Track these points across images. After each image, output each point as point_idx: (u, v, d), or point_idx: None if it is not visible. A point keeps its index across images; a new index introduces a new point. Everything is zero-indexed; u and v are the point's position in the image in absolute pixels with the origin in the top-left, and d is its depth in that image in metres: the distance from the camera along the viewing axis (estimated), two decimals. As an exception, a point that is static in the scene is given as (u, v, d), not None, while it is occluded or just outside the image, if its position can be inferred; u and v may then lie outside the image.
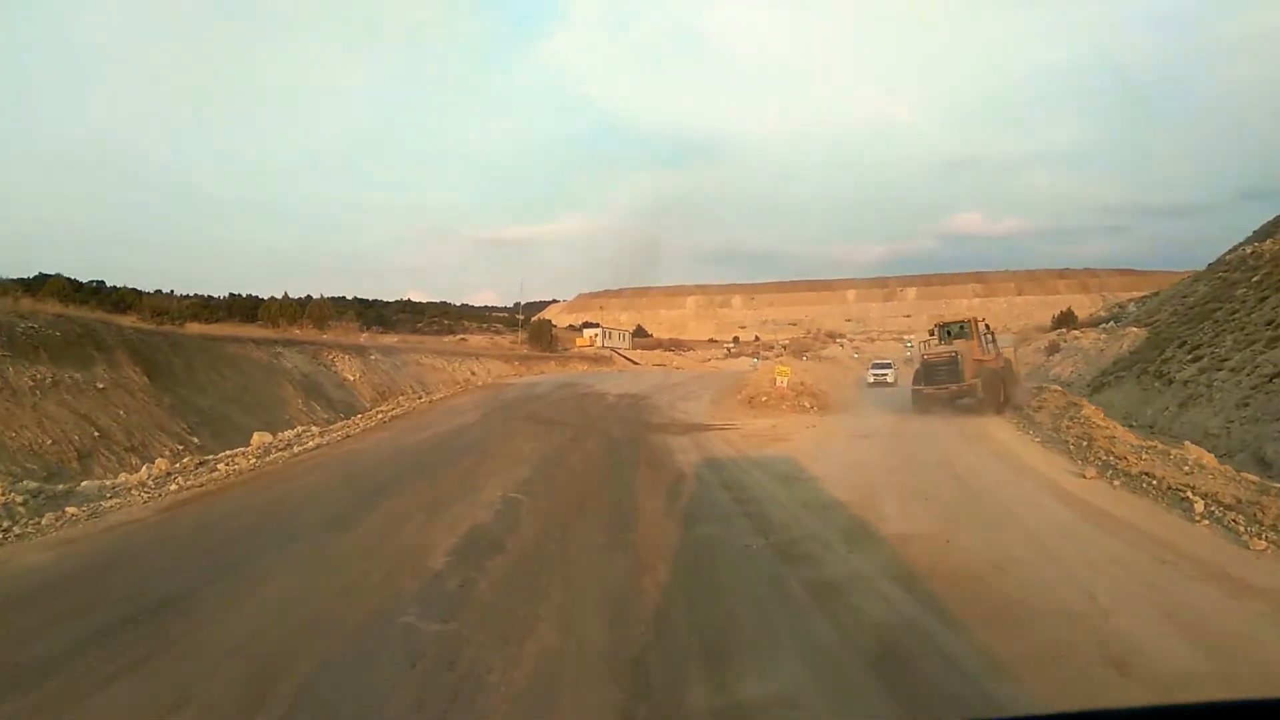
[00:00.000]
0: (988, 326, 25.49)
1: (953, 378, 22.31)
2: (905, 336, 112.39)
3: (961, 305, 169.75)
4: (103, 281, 47.53)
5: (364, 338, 38.19)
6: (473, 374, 41.54)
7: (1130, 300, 68.10)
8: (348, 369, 31.40)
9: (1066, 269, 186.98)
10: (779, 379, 25.33)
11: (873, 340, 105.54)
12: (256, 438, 16.38)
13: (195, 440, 18.38)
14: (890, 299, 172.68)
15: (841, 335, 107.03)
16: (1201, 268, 40.85)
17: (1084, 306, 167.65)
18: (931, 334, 27.16)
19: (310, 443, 16.29)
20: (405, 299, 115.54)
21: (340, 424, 20.20)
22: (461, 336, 65.45)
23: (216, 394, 22.20)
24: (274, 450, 15.40)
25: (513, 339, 61.60)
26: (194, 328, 26.21)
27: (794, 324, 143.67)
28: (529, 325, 60.05)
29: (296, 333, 35.56)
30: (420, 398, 27.86)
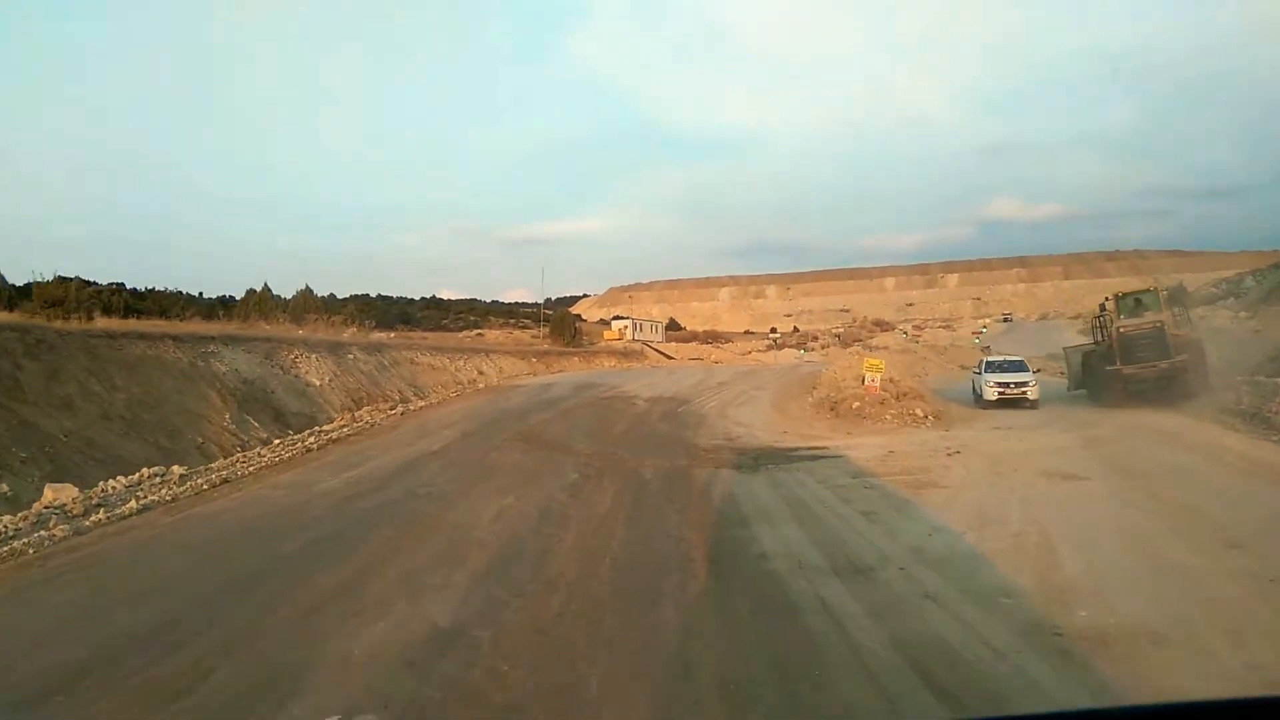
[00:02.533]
0: (1171, 295, 18.96)
1: (1159, 354, 16.99)
2: (980, 321, 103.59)
3: (1006, 291, 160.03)
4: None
5: (349, 333, 31.60)
6: (480, 374, 34.80)
7: (1239, 275, 58.89)
8: (314, 371, 24.72)
9: (1115, 251, 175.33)
10: (869, 376, 18.03)
11: (920, 329, 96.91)
12: (50, 493, 9.66)
13: (3, 488, 11.70)
14: (932, 286, 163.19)
15: (889, 324, 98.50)
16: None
17: (1135, 289, 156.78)
18: (1103, 308, 21.13)
19: (132, 505, 9.49)
20: (431, 296, 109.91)
21: (237, 457, 13.47)
22: (479, 332, 59.00)
23: (93, 411, 15.61)
24: (49, 523, 8.64)
25: (534, 334, 54.90)
26: (104, 322, 19.70)
27: (845, 310, 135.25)
28: (550, 318, 53.28)
29: (265, 328, 29.05)
30: (395, 408, 21.12)
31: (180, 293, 40.14)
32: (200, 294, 61.50)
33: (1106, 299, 22.59)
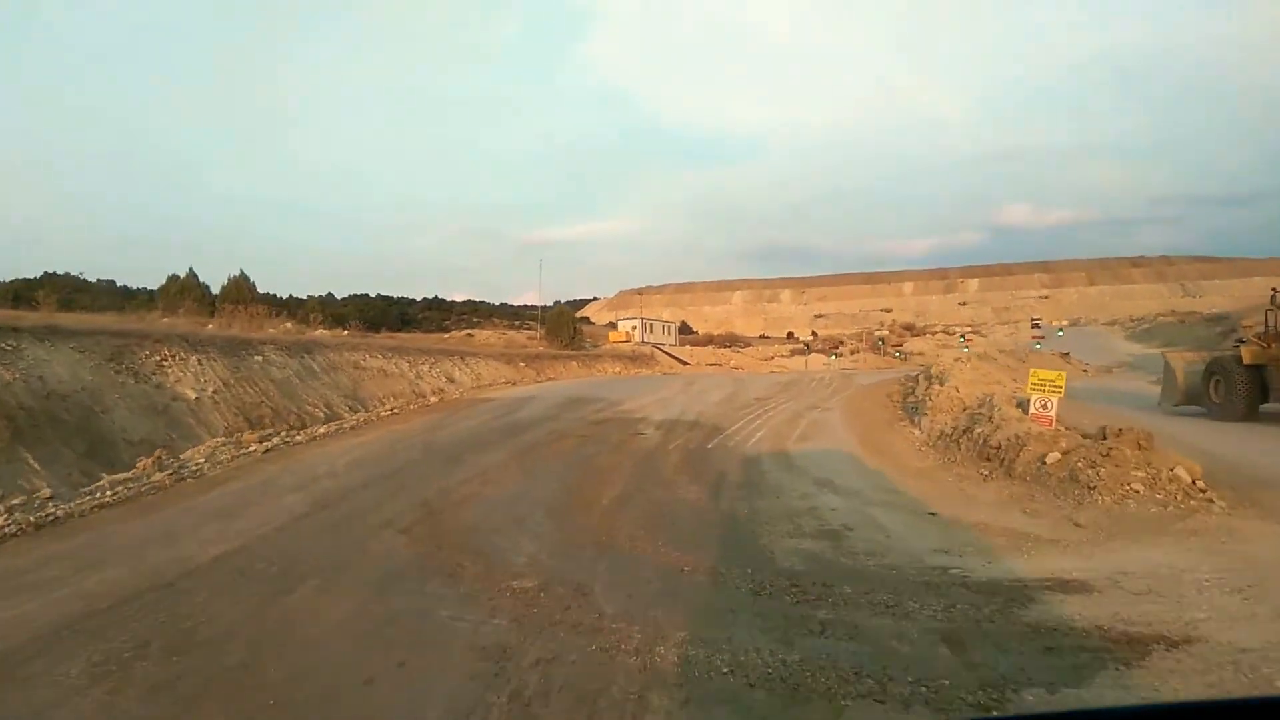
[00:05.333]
0: None
1: None
2: (1056, 323, 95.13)
3: (1029, 296, 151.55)
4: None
5: (279, 329, 24.16)
6: (450, 381, 27.21)
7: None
8: (190, 379, 17.19)
9: (1140, 257, 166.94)
10: (1040, 399, 10.26)
11: (951, 334, 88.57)
12: None
13: None
14: (951, 290, 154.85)
15: (920, 328, 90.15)
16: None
17: (1162, 296, 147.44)
18: (1273, 300, 14.62)
19: None
20: (434, 296, 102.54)
21: None
22: (469, 332, 51.59)
23: None
24: None
25: (530, 335, 47.38)
26: None
27: (887, 310, 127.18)
28: (546, 317, 45.48)
29: (163, 322, 21.96)
30: (270, 439, 13.59)
31: (87, 280, 32.90)
32: (126, 285, 52.89)
33: (1276, 290, 15.57)
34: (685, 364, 45.48)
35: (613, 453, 11.70)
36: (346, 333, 28.61)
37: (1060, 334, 73.02)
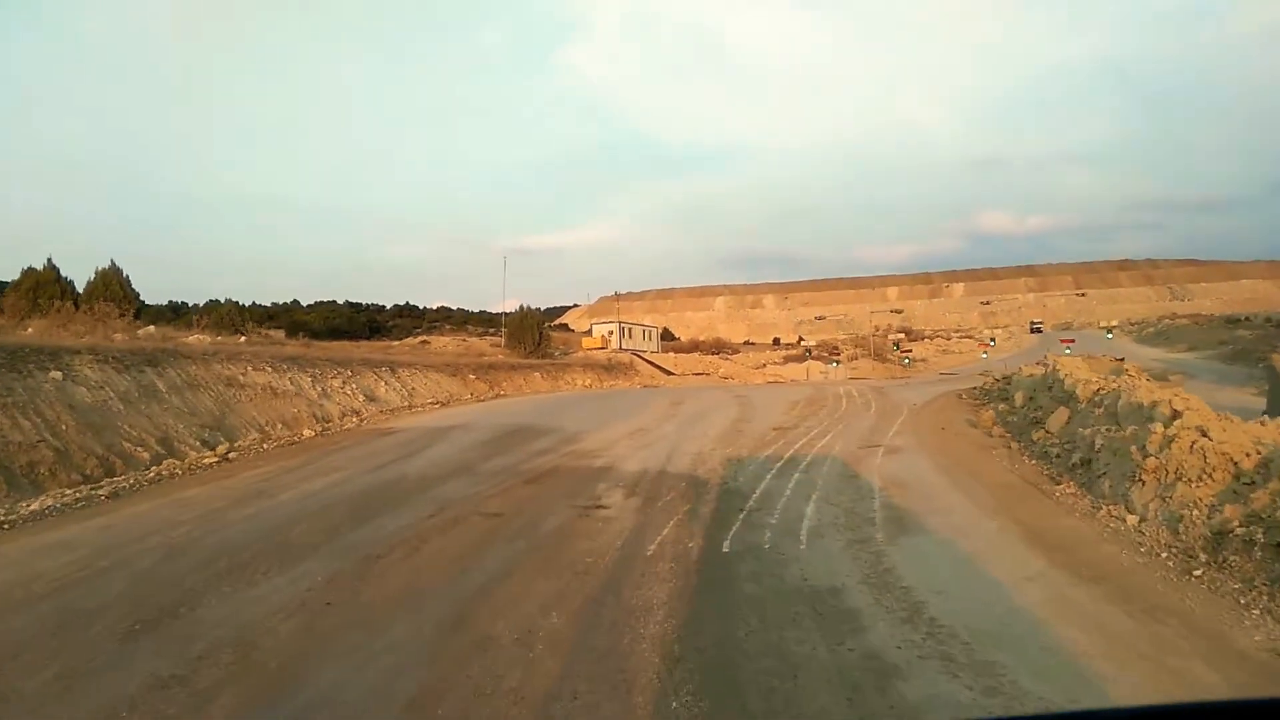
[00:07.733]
0: None
1: None
2: (1108, 327, 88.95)
3: (1016, 301, 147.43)
4: None
5: (125, 334, 17.73)
6: (368, 399, 20.78)
7: None
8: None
9: (1126, 260, 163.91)
10: None
11: (949, 338, 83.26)
12: None
13: None
14: (936, 295, 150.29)
15: (918, 332, 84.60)
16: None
17: (1150, 299, 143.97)
18: None
19: None
20: (405, 303, 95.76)
21: None
22: (422, 339, 45.30)
23: None
24: None
25: (494, 341, 41.13)
26: None
27: (898, 311, 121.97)
28: (507, 321, 39.09)
29: None
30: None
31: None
32: (192, 304, 44.93)
33: None
34: (669, 374, 39.37)
35: (538, 573, 5.53)
36: (244, 339, 22.16)
37: (1110, 336, 67.22)
